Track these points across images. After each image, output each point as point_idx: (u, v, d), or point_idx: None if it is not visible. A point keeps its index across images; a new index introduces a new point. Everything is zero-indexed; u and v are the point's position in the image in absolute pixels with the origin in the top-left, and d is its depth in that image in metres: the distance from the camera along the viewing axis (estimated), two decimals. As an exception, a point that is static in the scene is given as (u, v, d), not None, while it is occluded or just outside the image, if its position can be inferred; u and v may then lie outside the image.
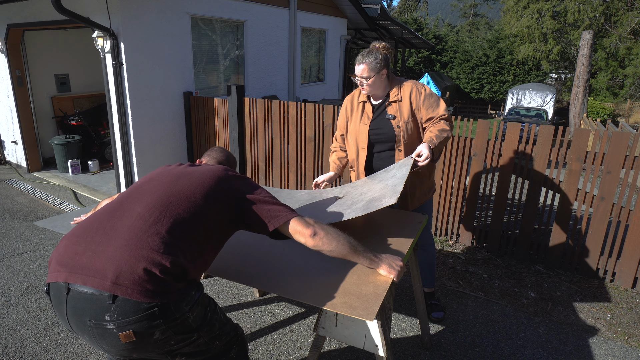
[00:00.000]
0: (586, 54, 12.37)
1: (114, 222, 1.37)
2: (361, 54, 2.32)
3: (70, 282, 1.27)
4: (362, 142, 2.45)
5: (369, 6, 8.93)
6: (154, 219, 1.35)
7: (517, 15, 21.27)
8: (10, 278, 3.30)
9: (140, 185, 1.54)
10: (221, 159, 1.94)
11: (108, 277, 1.23)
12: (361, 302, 1.44)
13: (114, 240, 1.31)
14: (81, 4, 4.55)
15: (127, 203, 1.44)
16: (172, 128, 5.39)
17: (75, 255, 1.31)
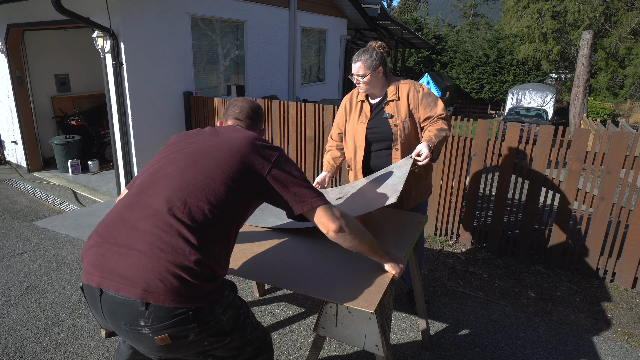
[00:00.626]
0: (586, 54, 12.37)
1: (134, 219, 1.30)
2: (357, 53, 2.34)
3: (102, 287, 1.24)
4: (359, 141, 2.46)
5: (369, 6, 8.93)
6: (174, 216, 1.27)
7: (517, 15, 21.27)
8: (10, 278, 3.30)
9: (158, 170, 1.41)
10: (246, 117, 1.72)
11: (139, 286, 1.20)
12: (362, 294, 1.46)
13: (138, 242, 1.25)
14: (81, 4, 4.55)
15: (145, 196, 1.34)
16: (172, 128, 5.39)
17: (103, 258, 1.27)
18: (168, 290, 1.19)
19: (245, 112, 1.71)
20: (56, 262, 3.57)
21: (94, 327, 2.72)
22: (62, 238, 4.03)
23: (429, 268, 3.51)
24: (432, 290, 3.19)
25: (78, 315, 2.83)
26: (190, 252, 1.23)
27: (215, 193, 1.33)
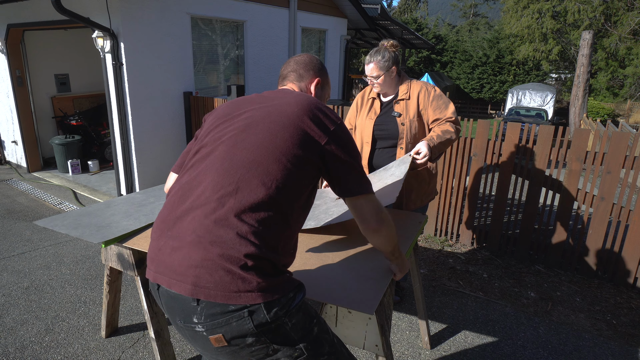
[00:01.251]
0: (586, 54, 12.37)
1: (185, 209, 1.19)
2: (370, 54, 2.34)
3: (158, 282, 1.17)
4: (366, 137, 2.48)
5: (369, 6, 8.93)
6: (222, 204, 1.14)
7: (517, 15, 21.27)
8: (10, 278, 3.30)
9: (207, 152, 1.26)
10: (292, 71, 1.52)
11: (188, 280, 1.10)
12: (361, 297, 1.44)
13: (187, 234, 1.14)
14: (81, 4, 4.55)
15: (196, 182, 1.22)
16: (172, 128, 5.39)
17: (159, 252, 1.19)
18: (218, 285, 1.09)
19: (290, 66, 1.52)
20: (56, 262, 3.57)
21: (94, 327, 2.72)
22: (62, 238, 4.03)
23: (429, 268, 3.51)
24: (432, 290, 3.19)
25: (78, 315, 2.83)
26: (241, 242, 1.11)
27: (268, 172, 1.17)
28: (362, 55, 25.26)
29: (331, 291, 1.48)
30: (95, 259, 3.63)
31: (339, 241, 1.90)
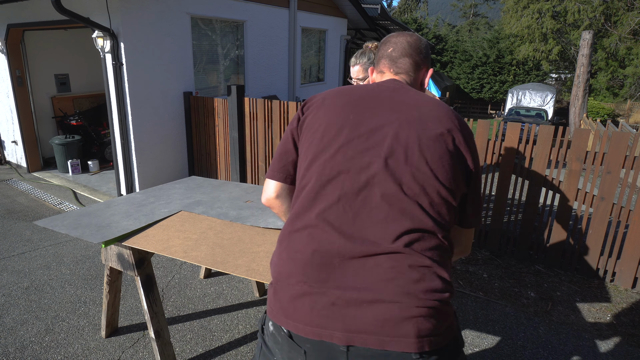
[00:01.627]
0: (586, 54, 12.37)
1: (356, 253, 1.00)
2: (355, 56, 2.36)
3: (354, 344, 0.97)
4: None
5: (369, 6, 8.93)
6: (411, 248, 0.99)
7: (517, 15, 21.27)
8: (10, 278, 3.30)
9: (357, 188, 1.04)
10: (422, 63, 1.29)
11: (410, 335, 0.96)
12: None
13: (380, 286, 0.97)
14: (81, 4, 4.55)
15: (359, 220, 1.02)
16: (172, 128, 5.39)
17: (336, 308, 0.98)
18: (437, 332, 0.98)
19: (403, 49, 1.26)
20: (56, 262, 3.57)
21: (94, 327, 2.72)
22: (62, 238, 4.03)
23: (429, 268, 3.51)
24: (432, 290, 3.19)
25: (78, 315, 2.83)
26: (444, 287, 1.00)
27: (438, 205, 1.04)
28: (362, 55, 25.25)
29: None
30: (95, 259, 3.63)
31: None
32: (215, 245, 1.87)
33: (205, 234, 1.98)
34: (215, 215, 2.19)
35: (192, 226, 2.07)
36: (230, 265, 1.71)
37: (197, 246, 1.86)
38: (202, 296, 3.10)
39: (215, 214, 2.22)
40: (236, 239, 1.93)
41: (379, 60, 1.32)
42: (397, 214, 1.01)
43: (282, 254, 1.08)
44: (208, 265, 1.71)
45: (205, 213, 2.23)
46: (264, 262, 1.72)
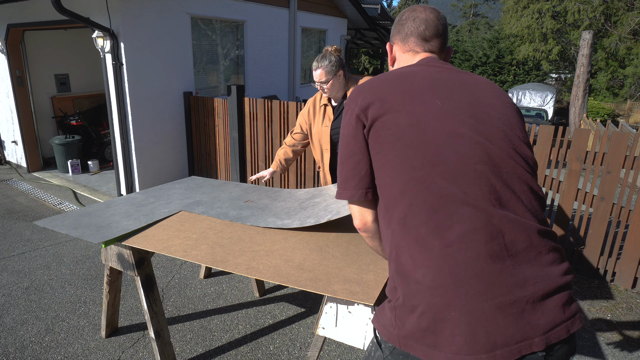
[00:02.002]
0: (586, 54, 12.37)
1: (520, 255, 0.91)
2: (316, 60, 2.40)
3: (551, 342, 0.88)
4: (325, 144, 2.56)
5: (369, 6, 8.93)
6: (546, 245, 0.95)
7: (517, 15, 21.26)
8: (10, 278, 3.30)
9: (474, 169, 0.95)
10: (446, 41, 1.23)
11: (565, 319, 0.91)
12: (362, 288, 1.47)
13: (548, 277, 0.91)
14: (81, 4, 4.55)
15: (498, 222, 0.92)
16: (172, 128, 5.39)
17: (525, 314, 0.88)
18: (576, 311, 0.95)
19: (435, 27, 1.18)
20: (56, 262, 3.57)
21: (94, 327, 2.72)
22: (62, 238, 4.03)
23: (429, 268, 3.51)
24: (432, 290, 3.19)
25: (78, 315, 2.83)
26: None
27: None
28: (362, 55, 25.25)
29: (331, 285, 1.51)
30: (95, 259, 3.63)
31: (339, 237, 1.92)
32: (215, 244, 1.87)
33: (205, 234, 1.98)
34: (215, 215, 2.19)
35: (192, 226, 2.08)
36: (230, 264, 1.71)
37: (197, 245, 1.87)
38: (202, 296, 3.10)
39: (215, 214, 2.22)
40: (236, 239, 1.93)
41: (407, 37, 1.20)
42: (531, 194, 0.97)
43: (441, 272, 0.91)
44: (208, 264, 1.71)
45: (205, 213, 2.23)
46: (264, 260, 1.73)
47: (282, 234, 1.97)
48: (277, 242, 1.88)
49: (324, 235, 1.93)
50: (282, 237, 1.92)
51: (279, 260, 1.72)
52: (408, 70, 1.11)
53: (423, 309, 0.90)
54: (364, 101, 1.05)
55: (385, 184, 1.01)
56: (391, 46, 1.26)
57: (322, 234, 1.95)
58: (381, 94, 1.05)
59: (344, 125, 1.10)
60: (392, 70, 1.13)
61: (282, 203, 2.35)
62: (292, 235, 1.95)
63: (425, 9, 1.21)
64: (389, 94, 1.04)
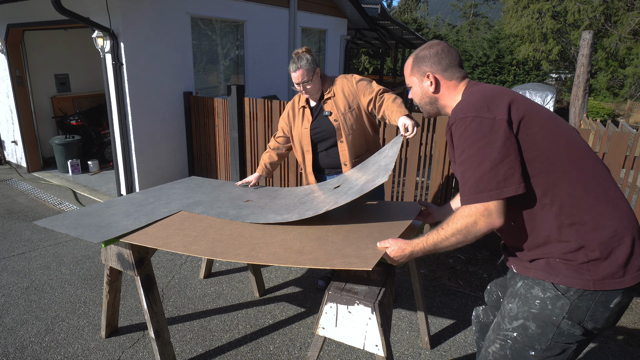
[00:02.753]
0: (586, 54, 12.36)
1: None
2: (292, 61, 2.44)
3: None
4: (306, 145, 2.59)
5: (369, 6, 8.93)
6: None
7: (517, 15, 21.27)
8: (10, 278, 3.30)
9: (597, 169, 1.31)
10: None
11: None
12: (360, 260, 1.50)
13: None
14: (81, 4, 4.55)
15: (609, 186, 1.29)
16: (172, 128, 5.39)
17: None
18: None
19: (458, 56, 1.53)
20: (56, 262, 3.57)
21: (94, 327, 2.72)
22: (62, 238, 4.03)
23: (429, 268, 3.51)
24: (432, 290, 3.19)
25: (78, 315, 2.83)
26: None
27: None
28: (362, 55, 25.25)
29: (329, 259, 1.56)
30: (95, 259, 3.63)
31: (339, 228, 1.95)
32: (214, 240, 1.88)
33: (205, 231, 1.98)
34: (215, 215, 2.19)
35: (192, 225, 2.08)
36: (230, 254, 1.71)
37: (197, 241, 1.87)
38: (202, 296, 3.10)
39: (215, 213, 2.22)
40: (236, 235, 1.94)
41: (447, 68, 1.48)
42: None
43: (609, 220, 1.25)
44: (208, 256, 1.72)
45: (205, 213, 2.23)
46: (264, 249, 1.74)
47: (281, 228, 1.97)
48: (276, 236, 1.89)
49: (323, 227, 1.95)
50: (281, 231, 1.93)
51: (278, 248, 1.73)
52: (485, 86, 1.39)
53: (617, 251, 1.22)
54: (503, 108, 1.27)
55: (543, 171, 1.26)
56: (433, 76, 1.50)
57: (322, 226, 1.96)
58: (509, 99, 1.29)
59: (483, 135, 1.25)
60: (478, 89, 1.38)
61: (282, 200, 2.35)
62: (291, 229, 1.96)
63: (443, 43, 1.53)
64: (513, 100, 1.29)
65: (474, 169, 1.26)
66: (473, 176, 1.26)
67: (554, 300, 1.27)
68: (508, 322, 1.36)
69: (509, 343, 1.35)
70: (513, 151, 1.24)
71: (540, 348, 1.29)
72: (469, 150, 1.27)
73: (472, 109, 1.28)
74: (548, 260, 1.29)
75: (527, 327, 1.31)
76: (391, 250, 1.51)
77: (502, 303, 1.46)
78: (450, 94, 1.49)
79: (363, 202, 2.35)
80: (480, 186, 1.25)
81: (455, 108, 1.36)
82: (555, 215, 1.26)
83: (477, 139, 1.25)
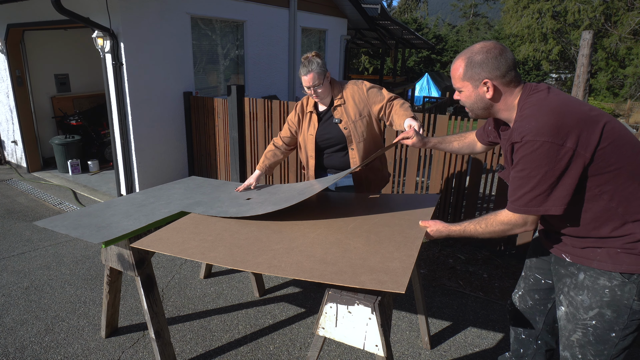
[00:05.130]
0: (586, 54, 12.35)
1: None
2: (303, 65, 2.39)
3: None
4: (310, 151, 2.59)
5: (369, 6, 8.93)
6: None
7: (517, 15, 21.27)
8: (10, 278, 3.30)
9: None
10: None
11: None
12: (390, 277, 1.46)
13: None
14: (81, 4, 4.55)
15: None
16: (172, 128, 5.39)
17: None
18: None
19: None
20: (56, 262, 3.57)
21: (94, 327, 2.72)
22: (62, 238, 4.03)
23: (429, 268, 3.51)
24: (432, 290, 3.19)
25: (78, 315, 2.83)
26: None
27: None
28: (362, 55, 25.25)
29: (357, 276, 1.50)
30: (95, 259, 3.63)
31: (357, 228, 1.93)
32: (232, 245, 1.83)
33: (220, 236, 1.94)
34: (215, 214, 2.19)
35: (207, 228, 2.04)
36: (250, 264, 1.66)
37: (214, 247, 1.82)
38: (202, 296, 3.10)
39: (215, 213, 2.22)
40: (253, 239, 1.89)
41: (506, 73, 1.47)
42: None
43: None
44: (228, 265, 1.68)
45: (205, 213, 2.22)
46: (285, 257, 1.70)
47: (299, 231, 1.95)
48: (295, 239, 1.86)
49: (342, 228, 1.93)
50: (299, 234, 1.90)
51: (300, 257, 1.69)
52: (554, 98, 1.41)
53: None
54: (574, 136, 1.32)
55: (611, 178, 1.36)
56: (491, 83, 1.49)
57: (340, 227, 1.94)
58: (580, 127, 1.32)
59: (548, 161, 1.33)
60: (548, 103, 1.39)
61: (282, 195, 2.36)
62: (310, 231, 1.94)
63: (502, 46, 1.52)
64: (585, 125, 1.33)
65: (531, 187, 1.39)
66: (528, 193, 1.40)
67: (622, 287, 1.41)
68: (584, 312, 1.50)
69: (589, 330, 1.50)
70: (570, 178, 1.34)
71: (619, 329, 1.45)
72: (531, 171, 1.37)
73: (543, 133, 1.33)
74: (608, 251, 1.43)
75: (604, 314, 1.46)
76: (431, 230, 1.71)
77: (556, 290, 1.64)
78: (508, 99, 1.51)
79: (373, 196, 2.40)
80: (531, 202, 1.40)
81: (523, 126, 1.38)
82: (620, 215, 1.39)
83: (541, 164, 1.34)
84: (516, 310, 1.95)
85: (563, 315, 1.59)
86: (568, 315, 1.56)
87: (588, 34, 12.82)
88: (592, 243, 1.46)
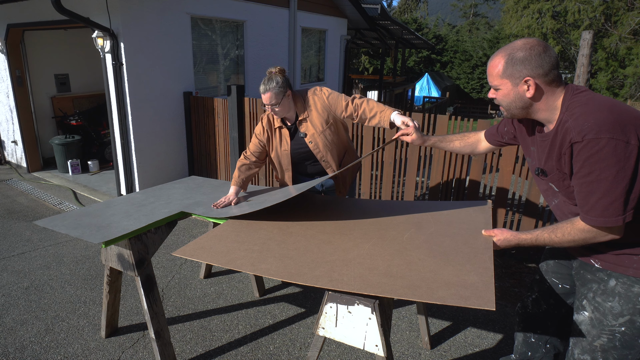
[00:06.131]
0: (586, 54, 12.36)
1: None
2: (262, 82, 2.37)
3: None
4: (285, 165, 2.60)
5: (369, 6, 8.93)
6: None
7: (517, 15, 21.27)
8: (10, 278, 3.30)
9: None
10: None
11: None
12: (472, 292, 1.34)
13: None
14: (81, 4, 4.55)
15: None
16: (172, 128, 5.39)
17: None
18: None
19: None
20: (56, 262, 3.57)
21: (94, 327, 2.72)
22: (62, 238, 4.03)
23: (429, 268, 3.51)
24: (432, 290, 3.19)
25: (78, 315, 2.83)
26: None
27: None
28: (362, 55, 25.26)
29: (434, 291, 1.39)
30: (95, 259, 3.63)
31: (413, 239, 1.82)
32: (282, 256, 1.73)
33: (266, 245, 1.84)
34: (215, 215, 2.19)
35: (249, 236, 1.94)
36: (308, 277, 1.55)
37: (264, 258, 1.72)
38: (202, 296, 3.10)
39: (215, 213, 2.22)
40: (303, 249, 1.79)
41: (549, 71, 1.39)
42: None
43: None
44: (284, 279, 1.56)
45: (205, 214, 2.23)
46: (344, 270, 1.58)
47: (351, 241, 1.84)
48: (349, 250, 1.75)
49: (396, 238, 1.83)
50: (352, 244, 1.79)
51: (361, 269, 1.57)
52: (601, 98, 1.36)
53: None
54: (634, 133, 1.26)
55: None
56: (534, 81, 1.41)
57: (394, 237, 1.84)
58: (637, 124, 1.27)
59: (617, 160, 1.25)
60: (597, 102, 1.33)
61: (280, 194, 2.36)
62: (363, 241, 1.83)
63: (545, 44, 1.42)
64: (639, 122, 1.27)
65: (605, 192, 1.29)
66: (603, 200, 1.29)
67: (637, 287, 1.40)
68: (613, 319, 1.47)
69: (617, 336, 1.48)
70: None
71: None
72: (601, 173, 1.27)
73: (605, 130, 1.25)
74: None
75: (635, 322, 1.44)
76: (497, 239, 1.63)
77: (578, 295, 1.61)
78: (549, 99, 1.43)
79: (415, 201, 2.36)
80: (609, 210, 1.29)
81: (581, 124, 1.30)
82: None
83: (611, 163, 1.25)
84: (528, 313, 1.91)
85: (587, 321, 1.55)
86: (593, 321, 1.53)
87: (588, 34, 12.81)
88: (630, 250, 1.41)
